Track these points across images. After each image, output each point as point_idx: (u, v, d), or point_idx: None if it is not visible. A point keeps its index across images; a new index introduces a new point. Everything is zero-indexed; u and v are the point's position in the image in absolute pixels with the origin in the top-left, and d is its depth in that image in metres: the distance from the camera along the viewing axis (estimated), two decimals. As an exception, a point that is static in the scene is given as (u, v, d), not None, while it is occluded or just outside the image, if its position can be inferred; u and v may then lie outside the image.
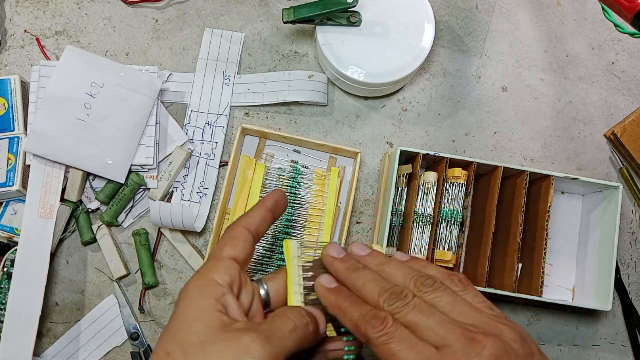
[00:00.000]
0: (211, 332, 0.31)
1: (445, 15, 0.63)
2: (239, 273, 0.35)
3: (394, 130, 0.60)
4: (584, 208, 0.59)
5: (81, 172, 0.54)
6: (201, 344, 0.31)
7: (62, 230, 0.55)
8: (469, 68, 0.62)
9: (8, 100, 0.55)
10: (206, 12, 0.61)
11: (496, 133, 0.61)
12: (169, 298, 0.56)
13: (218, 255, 0.36)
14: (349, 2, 0.53)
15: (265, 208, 0.40)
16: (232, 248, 0.36)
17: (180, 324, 0.32)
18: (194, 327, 0.31)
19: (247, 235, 0.37)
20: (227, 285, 0.34)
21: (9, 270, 0.52)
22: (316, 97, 0.58)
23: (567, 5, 0.64)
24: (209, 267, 0.35)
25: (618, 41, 0.63)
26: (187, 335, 0.31)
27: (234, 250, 0.36)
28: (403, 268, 0.35)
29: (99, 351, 0.54)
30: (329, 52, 0.55)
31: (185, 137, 0.57)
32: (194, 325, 0.31)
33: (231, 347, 0.30)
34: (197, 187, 0.57)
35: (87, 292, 0.56)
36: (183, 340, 0.31)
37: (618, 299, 0.58)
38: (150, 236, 0.56)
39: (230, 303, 0.33)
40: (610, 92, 0.62)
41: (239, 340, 0.31)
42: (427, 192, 0.52)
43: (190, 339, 0.31)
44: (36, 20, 0.60)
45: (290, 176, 0.56)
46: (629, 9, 0.45)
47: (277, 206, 0.40)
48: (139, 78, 0.56)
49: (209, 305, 0.32)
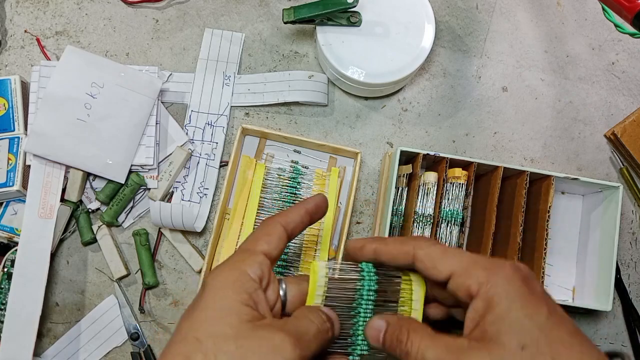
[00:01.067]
0: (243, 326, 0.31)
1: (445, 15, 0.63)
2: (269, 269, 0.35)
3: (394, 130, 0.60)
4: (584, 208, 0.59)
5: (81, 172, 0.54)
6: (234, 336, 0.31)
7: (62, 230, 0.55)
8: (469, 68, 0.62)
9: (8, 100, 0.55)
10: (206, 12, 0.61)
11: (496, 133, 0.61)
12: (169, 298, 0.56)
13: (252, 249, 0.36)
14: (349, 2, 0.53)
15: (305, 210, 0.39)
16: (267, 243, 0.36)
17: (211, 313, 0.32)
18: (227, 318, 0.31)
19: (283, 233, 0.37)
20: (258, 279, 0.34)
21: (9, 270, 0.52)
22: (316, 97, 0.58)
23: (567, 5, 0.64)
24: (241, 258, 0.35)
25: (618, 41, 0.63)
26: (219, 326, 0.31)
27: (268, 245, 0.36)
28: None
29: (99, 351, 0.54)
30: (329, 52, 0.55)
31: (185, 137, 0.57)
32: (226, 317, 0.31)
33: (263, 345, 0.30)
34: (197, 187, 0.57)
35: (87, 292, 0.56)
36: (215, 330, 0.31)
37: (618, 299, 0.58)
38: (150, 236, 0.56)
39: (260, 299, 0.33)
40: (610, 92, 0.62)
41: (271, 339, 0.31)
42: (427, 192, 0.52)
43: (223, 330, 0.31)
44: (36, 20, 0.60)
45: (290, 176, 0.56)
46: (629, 9, 0.45)
47: (317, 210, 0.40)
48: (139, 78, 0.56)
49: (241, 299, 0.32)
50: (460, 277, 0.32)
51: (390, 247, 0.36)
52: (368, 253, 0.37)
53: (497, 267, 0.32)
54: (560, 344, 0.30)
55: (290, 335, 0.31)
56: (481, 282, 0.31)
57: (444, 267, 0.33)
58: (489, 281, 0.31)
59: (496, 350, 0.30)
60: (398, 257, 0.35)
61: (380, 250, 0.36)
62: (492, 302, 0.31)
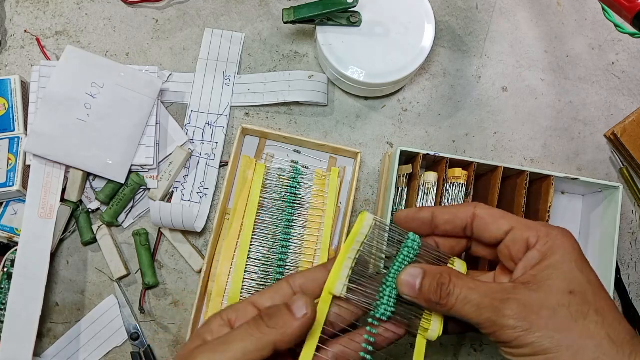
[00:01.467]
0: None
1: (445, 15, 0.63)
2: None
3: (394, 130, 0.60)
4: (584, 208, 0.59)
5: (81, 172, 0.54)
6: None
7: (62, 230, 0.55)
8: (469, 68, 0.62)
9: (8, 100, 0.55)
10: (206, 12, 0.61)
11: (496, 133, 0.61)
12: (169, 298, 0.56)
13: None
14: (349, 2, 0.53)
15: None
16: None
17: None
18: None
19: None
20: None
21: (9, 270, 0.52)
22: (316, 97, 0.58)
23: (567, 5, 0.64)
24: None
25: (618, 41, 0.63)
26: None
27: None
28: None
29: (99, 351, 0.54)
30: (329, 52, 0.55)
31: (185, 137, 0.57)
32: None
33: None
34: (197, 187, 0.57)
35: (87, 292, 0.56)
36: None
37: (618, 299, 0.58)
38: (150, 236, 0.56)
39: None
40: (610, 92, 0.62)
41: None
42: (427, 192, 0.52)
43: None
44: (36, 20, 0.60)
45: (290, 176, 0.56)
46: (629, 9, 0.45)
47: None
48: (139, 78, 0.56)
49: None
50: (520, 231, 0.34)
51: (450, 207, 0.37)
52: (425, 214, 0.37)
53: (555, 228, 0.34)
54: (604, 301, 0.32)
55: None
56: (540, 235, 0.33)
57: (504, 223, 0.35)
58: (548, 235, 0.33)
59: (543, 291, 0.32)
60: (458, 214, 0.36)
61: (438, 211, 0.37)
62: (548, 253, 0.33)
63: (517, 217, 0.35)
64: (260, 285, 0.53)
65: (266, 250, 0.54)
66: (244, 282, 0.53)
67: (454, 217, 0.37)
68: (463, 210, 0.36)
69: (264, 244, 0.54)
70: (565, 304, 0.31)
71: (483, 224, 0.36)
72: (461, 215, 0.36)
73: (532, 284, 0.32)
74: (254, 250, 0.54)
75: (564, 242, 0.33)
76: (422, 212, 0.37)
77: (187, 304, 0.56)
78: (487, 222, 0.35)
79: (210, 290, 0.54)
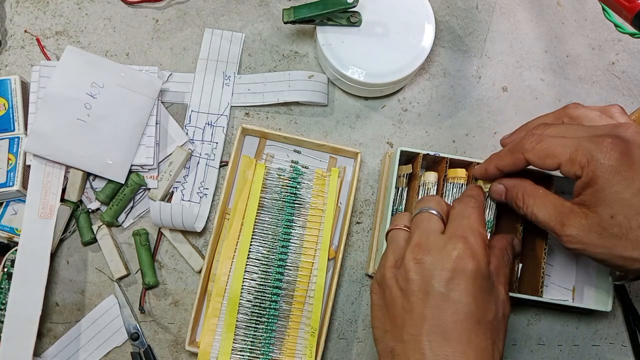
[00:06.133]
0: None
1: (445, 15, 0.63)
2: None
3: (394, 130, 0.60)
4: (584, 208, 0.59)
5: (81, 172, 0.54)
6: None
7: (62, 230, 0.55)
8: (469, 68, 0.62)
9: (8, 100, 0.55)
10: (206, 12, 0.61)
11: (496, 133, 0.61)
12: (169, 298, 0.56)
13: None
14: (349, 2, 0.53)
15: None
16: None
17: None
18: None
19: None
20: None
21: (9, 270, 0.52)
22: (316, 97, 0.58)
23: (567, 5, 0.64)
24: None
25: (618, 41, 0.63)
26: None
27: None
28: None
29: (99, 351, 0.54)
30: (329, 52, 0.55)
31: (185, 137, 0.57)
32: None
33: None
34: (197, 187, 0.57)
35: (87, 292, 0.56)
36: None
37: (618, 299, 0.58)
38: (150, 236, 0.56)
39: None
40: (610, 92, 0.62)
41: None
42: (427, 192, 0.52)
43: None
44: (36, 20, 0.60)
45: (290, 176, 0.56)
46: (629, 9, 0.45)
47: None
48: (139, 78, 0.56)
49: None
50: (566, 166, 0.40)
51: (502, 154, 0.46)
52: (492, 171, 0.47)
53: (597, 148, 0.38)
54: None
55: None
56: (583, 166, 0.39)
57: (551, 162, 0.41)
58: (589, 164, 0.38)
59: (591, 217, 0.39)
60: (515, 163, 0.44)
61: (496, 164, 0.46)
62: (592, 181, 0.38)
63: (563, 145, 0.40)
64: (261, 285, 0.53)
65: (266, 250, 0.54)
66: (244, 282, 0.53)
67: (513, 165, 0.44)
68: (517, 158, 0.43)
69: (264, 244, 0.54)
70: (607, 227, 0.38)
71: (536, 164, 0.42)
72: (517, 163, 0.44)
73: (583, 209, 0.40)
74: (254, 250, 0.54)
75: (604, 166, 0.38)
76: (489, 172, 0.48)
77: (187, 304, 0.56)
78: (538, 164, 0.42)
79: (210, 290, 0.54)
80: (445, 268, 0.38)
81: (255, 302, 0.53)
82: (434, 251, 0.39)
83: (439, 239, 0.40)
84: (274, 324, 0.53)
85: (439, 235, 0.41)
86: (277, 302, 0.53)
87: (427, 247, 0.40)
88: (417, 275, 0.39)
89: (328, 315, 0.53)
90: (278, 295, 0.53)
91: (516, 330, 0.57)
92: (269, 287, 0.53)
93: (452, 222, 0.42)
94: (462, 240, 0.39)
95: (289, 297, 0.53)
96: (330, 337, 0.56)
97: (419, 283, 0.39)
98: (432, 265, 0.39)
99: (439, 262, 0.39)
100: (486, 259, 0.40)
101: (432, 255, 0.39)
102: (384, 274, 0.42)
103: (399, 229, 0.44)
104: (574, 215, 0.40)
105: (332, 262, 0.55)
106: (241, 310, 0.52)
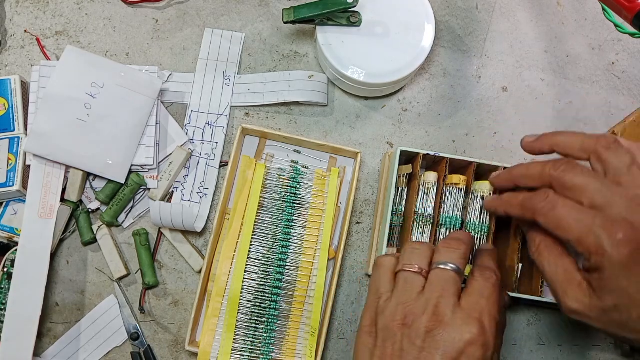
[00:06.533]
0: None
1: (445, 15, 0.63)
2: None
3: (394, 130, 0.60)
4: (584, 208, 0.59)
5: (81, 172, 0.54)
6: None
7: (62, 230, 0.55)
8: (469, 68, 0.62)
9: (8, 100, 0.55)
10: (206, 12, 0.61)
11: (496, 133, 0.61)
12: (169, 298, 0.56)
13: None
14: (349, 2, 0.53)
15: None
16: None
17: None
18: None
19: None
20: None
21: (9, 270, 0.52)
22: (316, 97, 0.58)
23: (567, 5, 0.64)
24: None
25: (618, 41, 0.63)
26: None
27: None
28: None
29: (99, 351, 0.54)
30: (329, 52, 0.55)
31: (185, 137, 0.57)
32: None
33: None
34: (197, 187, 0.57)
35: (87, 292, 0.56)
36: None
37: (618, 299, 0.58)
38: (150, 236, 0.56)
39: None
40: (610, 92, 0.62)
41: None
42: (427, 192, 0.52)
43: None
44: (36, 20, 0.60)
45: (290, 176, 0.56)
46: (629, 9, 0.45)
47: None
48: (139, 78, 0.56)
49: None
50: (575, 244, 0.38)
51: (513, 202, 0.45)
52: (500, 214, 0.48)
53: (609, 240, 0.36)
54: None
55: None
56: (591, 252, 0.37)
57: (563, 234, 0.39)
58: (598, 253, 0.37)
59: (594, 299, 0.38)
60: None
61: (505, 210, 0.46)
62: (599, 269, 0.37)
63: (575, 223, 0.38)
64: (261, 285, 0.53)
65: (266, 250, 0.54)
66: (244, 282, 0.53)
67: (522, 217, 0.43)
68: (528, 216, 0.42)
69: (264, 244, 0.54)
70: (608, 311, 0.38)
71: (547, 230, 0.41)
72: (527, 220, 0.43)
73: (590, 286, 0.38)
74: (254, 250, 0.54)
75: (611, 263, 0.36)
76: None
77: (187, 304, 0.56)
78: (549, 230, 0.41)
79: (210, 290, 0.54)
80: (454, 348, 0.38)
81: (255, 302, 0.53)
82: (449, 327, 0.39)
83: (457, 312, 0.39)
84: (274, 324, 0.53)
85: (458, 307, 0.40)
86: (277, 302, 0.53)
87: (442, 319, 0.39)
88: (423, 344, 0.39)
89: (328, 315, 0.53)
90: (278, 295, 0.53)
91: (516, 330, 0.57)
92: (269, 287, 0.53)
93: (471, 296, 0.41)
94: (478, 324, 0.39)
95: (289, 297, 0.53)
96: (330, 337, 0.56)
97: (421, 350, 0.38)
98: (443, 339, 0.38)
99: (450, 338, 0.38)
100: (494, 348, 0.39)
101: (446, 331, 0.39)
102: (387, 325, 0.40)
103: (415, 274, 0.42)
104: (579, 290, 0.39)
105: (332, 262, 0.55)
106: (241, 310, 0.52)
